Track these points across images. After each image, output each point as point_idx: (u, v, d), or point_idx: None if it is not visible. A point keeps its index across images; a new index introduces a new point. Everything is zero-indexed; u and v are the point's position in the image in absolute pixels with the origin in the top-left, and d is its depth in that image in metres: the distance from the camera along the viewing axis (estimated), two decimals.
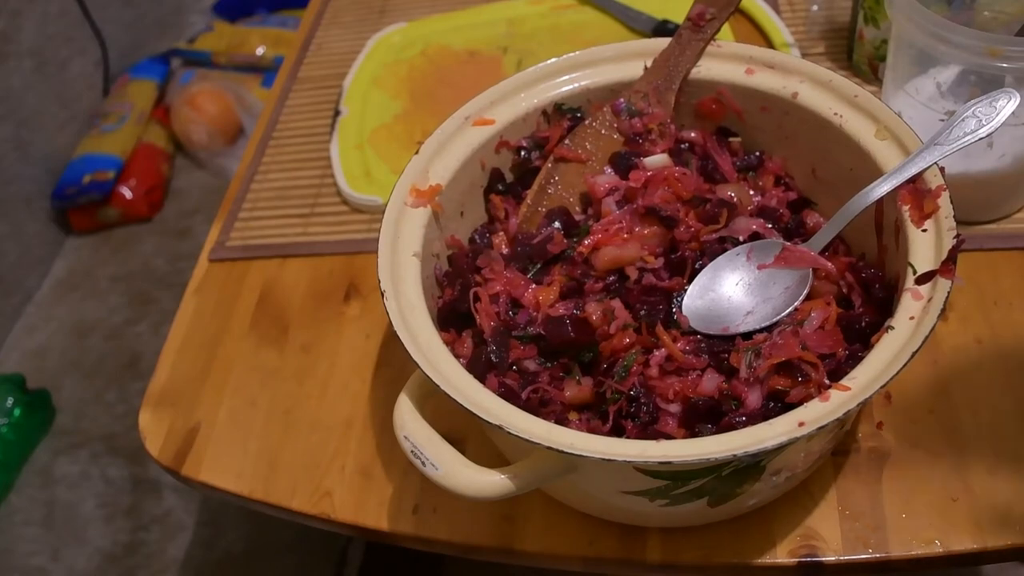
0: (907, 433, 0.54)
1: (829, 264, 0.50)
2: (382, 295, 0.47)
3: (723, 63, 0.57)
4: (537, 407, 0.48)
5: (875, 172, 0.49)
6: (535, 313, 0.52)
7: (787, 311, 0.50)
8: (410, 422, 0.45)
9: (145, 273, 1.78)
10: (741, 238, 0.53)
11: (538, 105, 0.59)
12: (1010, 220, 0.63)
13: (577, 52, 0.59)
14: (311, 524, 0.59)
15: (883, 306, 0.48)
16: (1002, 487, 0.50)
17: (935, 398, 0.55)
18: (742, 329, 0.50)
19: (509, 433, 0.41)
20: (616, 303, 0.51)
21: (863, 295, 0.50)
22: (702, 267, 0.53)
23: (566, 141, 0.59)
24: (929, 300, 0.42)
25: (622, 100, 0.59)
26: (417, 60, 0.89)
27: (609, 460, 0.39)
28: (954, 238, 0.44)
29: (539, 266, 0.55)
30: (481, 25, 0.91)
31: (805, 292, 0.50)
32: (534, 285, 0.54)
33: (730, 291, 0.52)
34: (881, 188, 0.48)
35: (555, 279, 0.54)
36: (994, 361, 0.56)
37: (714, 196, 0.55)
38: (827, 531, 0.51)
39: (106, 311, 1.73)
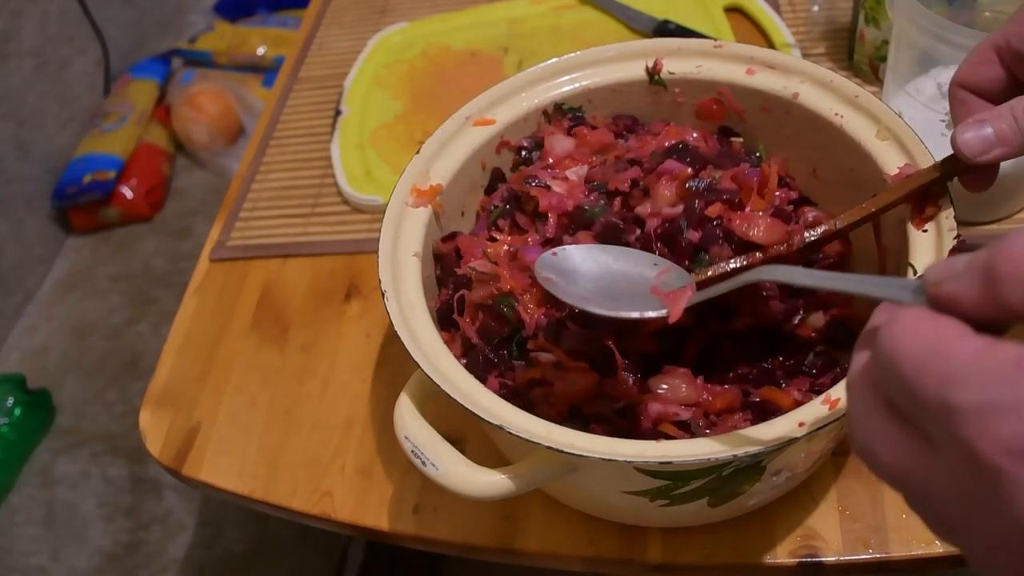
0: None
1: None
2: (382, 295, 0.47)
3: (724, 63, 0.57)
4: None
5: (875, 172, 0.49)
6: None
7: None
8: (410, 422, 0.45)
9: (145, 273, 1.78)
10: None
11: (539, 105, 0.59)
12: (1010, 220, 0.63)
13: (577, 52, 0.59)
14: (311, 524, 0.59)
15: None
16: None
17: None
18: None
19: (509, 433, 0.41)
20: None
21: None
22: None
23: None
24: None
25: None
26: (418, 60, 0.89)
27: (609, 460, 0.39)
28: (954, 238, 0.44)
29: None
30: (482, 25, 0.91)
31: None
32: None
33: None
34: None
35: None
36: None
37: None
38: (827, 531, 0.51)
39: (106, 311, 1.73)
